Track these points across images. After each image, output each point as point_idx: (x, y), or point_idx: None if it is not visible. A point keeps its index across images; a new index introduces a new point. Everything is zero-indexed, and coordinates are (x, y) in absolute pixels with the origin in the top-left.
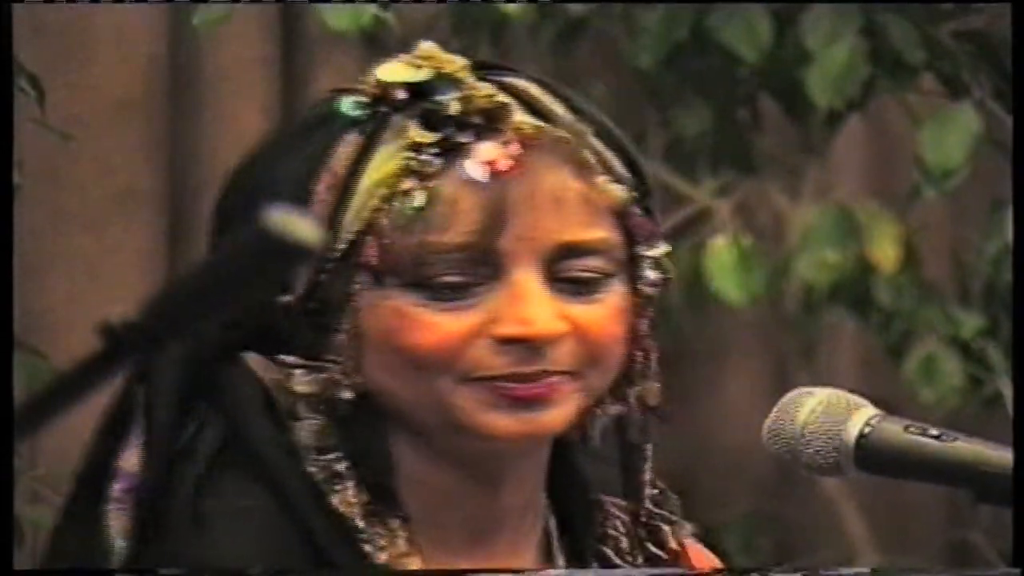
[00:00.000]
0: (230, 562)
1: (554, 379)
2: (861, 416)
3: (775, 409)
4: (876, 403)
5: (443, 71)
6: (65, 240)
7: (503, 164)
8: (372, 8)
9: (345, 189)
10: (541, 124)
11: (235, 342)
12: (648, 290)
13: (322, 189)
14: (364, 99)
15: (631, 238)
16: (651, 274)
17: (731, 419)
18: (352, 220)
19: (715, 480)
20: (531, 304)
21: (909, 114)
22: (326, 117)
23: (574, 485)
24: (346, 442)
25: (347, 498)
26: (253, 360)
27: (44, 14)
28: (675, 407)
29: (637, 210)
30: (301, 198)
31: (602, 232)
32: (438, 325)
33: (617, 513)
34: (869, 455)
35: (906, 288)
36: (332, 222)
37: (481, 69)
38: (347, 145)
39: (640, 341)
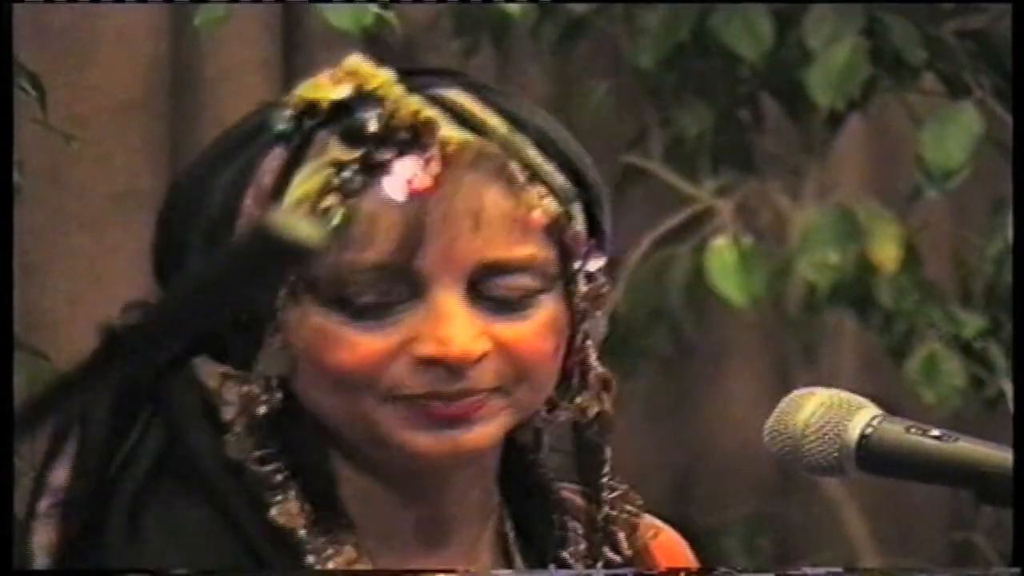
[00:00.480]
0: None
1: (477, 397)
2: (862, 417)
3: (776, 410)
4: (877, 403)
5: (364, 88)
6: (65, 240)
7: (420, 183)
8: (374, 8)
9: (271, 204)
10: (469, 137)
11: (182, 347)
12: (583, 304)
13: (249, 203)
14: (291, 113)
15: (566, 252)
16: (586, 288)
17: (732, 420)
18: None
19: (716, 481)
20: (450, 324)
21: (910, 114)
22: (254, 130)
23: (531, 489)
24: (285, 453)
25: (289, 509)
26: (202, 366)
27: (45, 14)
28: (676, 408)
29: (575, 223)
30: (230, 211)
31: (530, 249)
32: (358, 344)
33: (577, 512)
34: (870, 456)
35: (907, 288)
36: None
37: (412, 78)
38: (273, 159)
39: (577, 354)
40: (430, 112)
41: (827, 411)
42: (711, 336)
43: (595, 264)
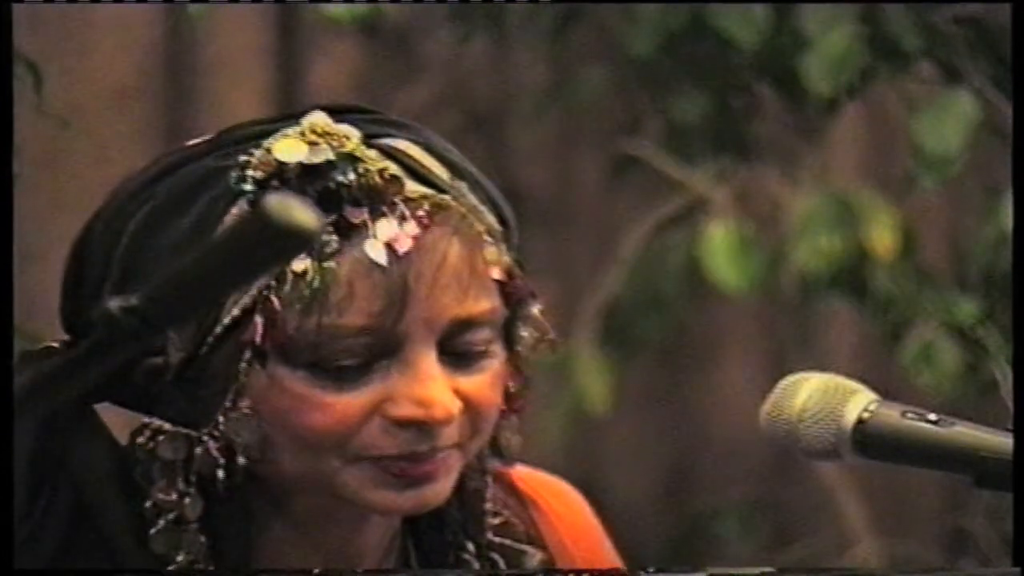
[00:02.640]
0: None
1: (443, 455)
2: (859, 401)
3: (772, 395)
4: (873, 389)
5: (343, 150)
6: (63, 227)
7: (403, 245)
8: None
9: None
10: (428, 192)
11: (93, 394)
12: (525, 351)
13: None
14: (257, 175)
15: (508, 300)
16: (527, 334)
17: (729, 406)
18: (239, 296)
19: (713, 466)
20: (429, 386)
21: (907, 101)
22: (205, 182)
23: (426, 515)
24: (208, 517)
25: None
26: (112, 414)
27: (42, 2)
28: (673, 394)
29: (516, 272)
30: None
31: (489, 302)
32: (331, 407)
33: (471, 531)
34: (867, 440)
35: (903, 274)
36: (217, 297)
37: (362, 127)
38: (234, 216)
39: (511, 401)
40: (394, 169)
41: (823, 396)
42: (708, 323)
43: (535, 307)
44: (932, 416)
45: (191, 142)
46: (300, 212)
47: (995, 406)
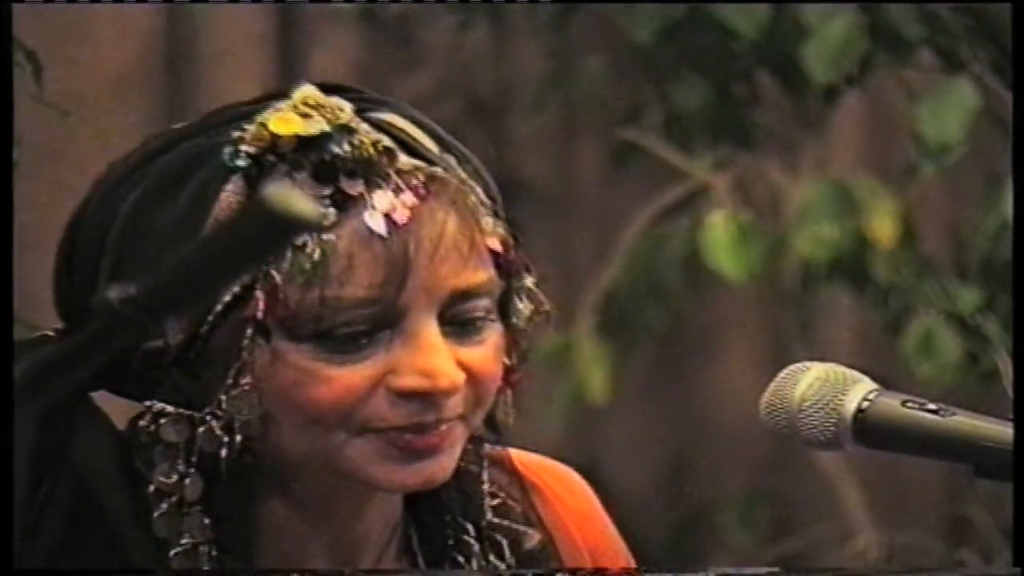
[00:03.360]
0: None
1: (448, 426)
2: (859, 390)
3: (772, 384)
4: (873, 378)
5: (337, 122)
6: (64, 216)
7: (401, 215)
8: None
9: None
10: (420, 164)
11: (89, 381)
12: (521, 324)
13: None
14: (251, 150)
15: (503, 272)
16: (523, 306)
17: (729, 395)
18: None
19: (713, 456)
20: (433, 356)
21: (907, 89)
22: (197, 161)
23: (429, 494)
24: (212, 500)
25: (196, 555)
26: (110, 401)
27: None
28: (673, 383)
29: (511, 243)
30: (182, 245)
31: (486, 273)
32: (335, 379)
33: (472, 513)
34: (867, 429)
35: (904, 263)
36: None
37: (357, 105)
38: (230, 193)
39: (509, 374)
40: (387, 141)
41: (823, 385)
42: (708, 312)
43: (530, 280)
44: (932, 405)
45: (177, 125)
46: (300, 201)
47: (995, 395)
